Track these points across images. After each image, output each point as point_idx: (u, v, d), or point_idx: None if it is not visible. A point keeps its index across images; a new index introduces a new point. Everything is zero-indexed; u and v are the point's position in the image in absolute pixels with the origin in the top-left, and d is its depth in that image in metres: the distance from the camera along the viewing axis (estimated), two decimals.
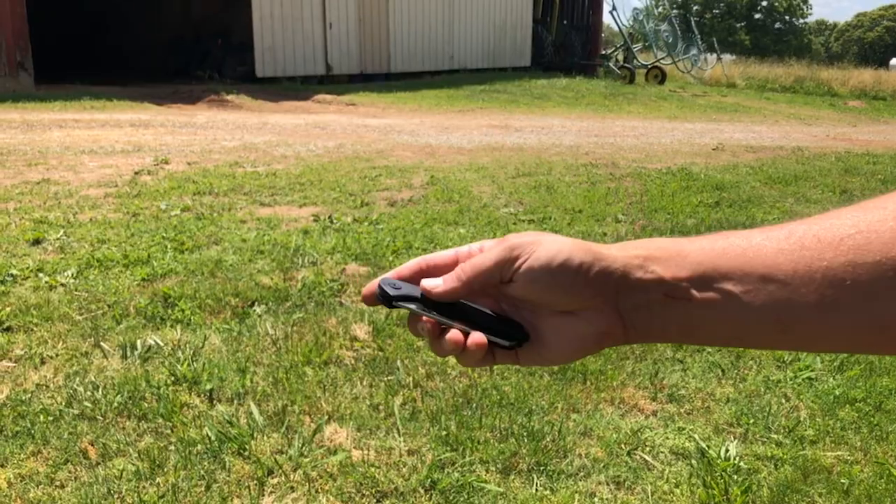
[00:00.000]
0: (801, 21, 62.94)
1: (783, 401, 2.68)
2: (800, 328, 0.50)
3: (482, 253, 0.57)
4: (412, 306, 0.59)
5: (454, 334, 0.57)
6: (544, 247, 0.55)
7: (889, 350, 0.50)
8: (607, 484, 2.15)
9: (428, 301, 0.59)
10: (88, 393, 2.48)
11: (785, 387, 2.77)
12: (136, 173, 6.14)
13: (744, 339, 0.53)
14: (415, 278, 0.60)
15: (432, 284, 0.58)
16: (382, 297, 0.59)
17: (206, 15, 17.59)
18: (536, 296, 0.56)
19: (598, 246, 0.55)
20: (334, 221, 4.77)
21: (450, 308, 0.58)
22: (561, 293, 0.55)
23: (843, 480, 2.19)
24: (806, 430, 2.47)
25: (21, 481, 2.03)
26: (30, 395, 2.47)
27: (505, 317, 0.58)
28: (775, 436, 2.43)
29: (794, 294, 0.50)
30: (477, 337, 0.57)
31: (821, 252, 0.49)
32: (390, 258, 4.00)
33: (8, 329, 2.96)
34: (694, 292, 0.52)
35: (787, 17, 61.61)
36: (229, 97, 12.86)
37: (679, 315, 0.53)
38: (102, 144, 7.66)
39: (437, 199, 5.59)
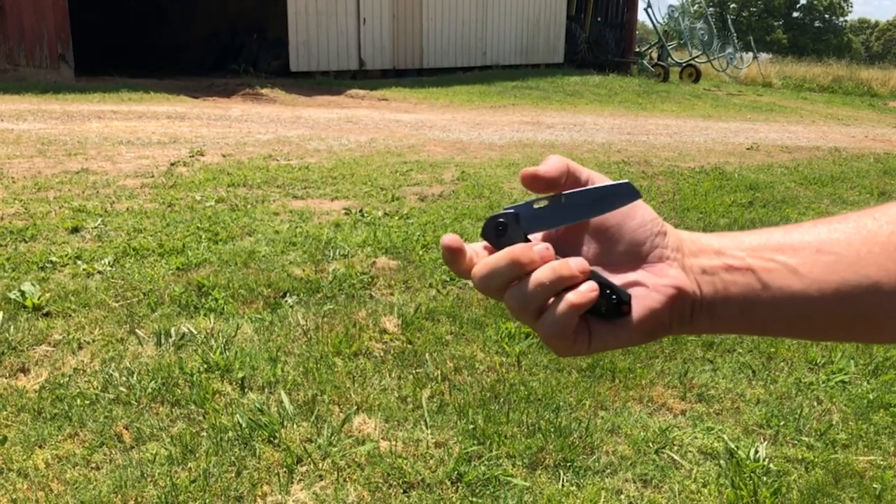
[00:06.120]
0: (842, 19, 61.69)
1: (815, 404, 2.64)
2: (861, 303, 0.48)
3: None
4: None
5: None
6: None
7: None
8: (634, 482, 2.15)
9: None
10: (123, 378, 2.54)
11: (817, 389, 2.74)
12: (171, 164, 6.24)
13: (809, 319, 0.51)
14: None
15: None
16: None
17: (241, 10, 17.78)
18: (618, 217, 0.54)
19: None
20: (365, 215, 4.80)
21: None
22: (639, 223, 0.54)
23: (875, 485, 2.16)
24: (838, 433, 2.44)
25: (58, 462, 2.09)
26: (67, 378, 2.53)
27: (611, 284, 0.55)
28: (806, 438, 2.40)
29: (853, 265, 0.49)
30: (591, 284, 0.52)
31: (879, 227, 0.49)
32: (420, 252, 4.02)
33: (47, 314, 3.03)
34: (751, 261, 0.52)
35: (826, 16, 60.44)
36: (263, 91, 12.99)
37: (741, 287, 0.52)
38: (139, 136, 7.79)
39: (467, 194, 5.59)
